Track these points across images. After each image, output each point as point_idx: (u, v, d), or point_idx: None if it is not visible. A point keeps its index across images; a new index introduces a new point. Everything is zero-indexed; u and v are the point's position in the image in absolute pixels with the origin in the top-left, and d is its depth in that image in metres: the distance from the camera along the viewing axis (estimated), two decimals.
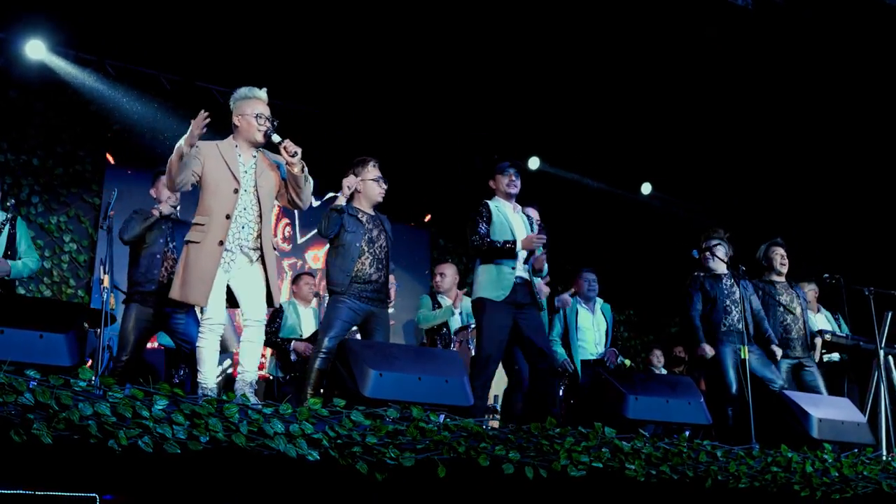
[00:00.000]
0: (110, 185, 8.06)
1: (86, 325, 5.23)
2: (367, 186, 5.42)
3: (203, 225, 4.49)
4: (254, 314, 4.58)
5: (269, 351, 7.11)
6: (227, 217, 4.50)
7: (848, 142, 8.48)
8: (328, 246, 5.48)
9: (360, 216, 5.35)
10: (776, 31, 6.70)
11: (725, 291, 6.41)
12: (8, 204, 6.95)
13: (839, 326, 7.38)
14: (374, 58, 8.01)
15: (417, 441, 3.98)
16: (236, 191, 4.54)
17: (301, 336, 6.93)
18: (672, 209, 10.44)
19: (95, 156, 8.24)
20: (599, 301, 7.28)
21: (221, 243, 4.47)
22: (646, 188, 10.37)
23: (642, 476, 4.52)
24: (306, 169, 4.66)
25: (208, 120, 4.37)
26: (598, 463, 4.39)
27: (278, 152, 4.65)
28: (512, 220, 5.55)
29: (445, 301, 6.83)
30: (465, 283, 9.43)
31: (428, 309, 6.77)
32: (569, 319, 7.09)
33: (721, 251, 6.50)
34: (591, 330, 7.12)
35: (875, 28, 6.66)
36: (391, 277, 5.59)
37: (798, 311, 6.67)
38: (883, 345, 6.69)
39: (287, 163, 4.61)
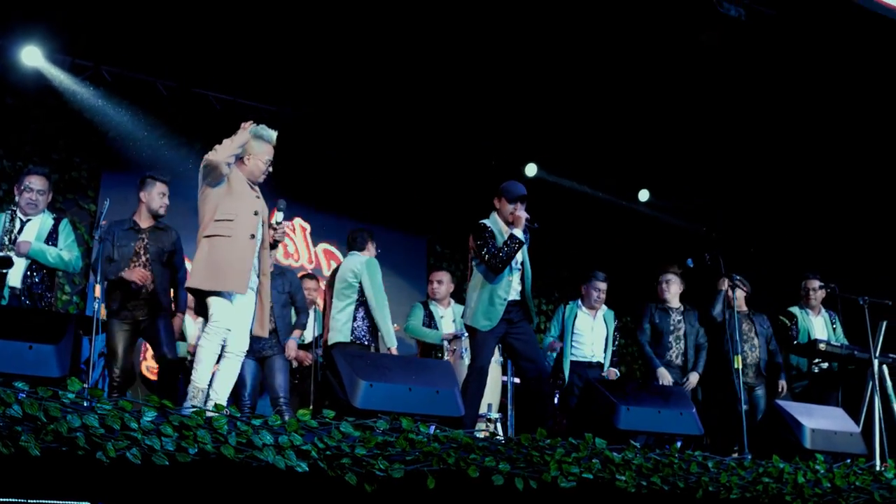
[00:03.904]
0: (106, 191, 8.07)
1: (80, 332, 5.26)
2: None
3: (231, 220, 4.61)
4: (235, 347, 4.65)
5: None
6: (256, 213, 4.72)
7: (843, 149, 8.48)
8: None
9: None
10: (768, 40, 6.76)
11: (671, 326, 6.82)
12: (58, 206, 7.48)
13: (834, 329, 7.38)
14: (373, 65, 8.01)
15: (407, 452, 3.99)
16: (256, 213, 4.76)
17: (303, 341, 6.93)
18: (669, 216, 10.43)
19: (91, 162, 8.24)
20: (604, 308, 7.26)
21: (253, 237, 4.66)
22: (643, 195, 10.36)
23: (633, 487, 4.52)
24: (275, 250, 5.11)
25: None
26: (589, 474, 4.39)
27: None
28: None
29: (437, 311, 6.83)
30: (461, 289, 9.44)
31: (418, 320, 6.77)
32: (566, 322, 7.09)
33: (674, 287, 6.88)
34: (589, 333, 7.11)
35: (866, 37, 6.71)
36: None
37: (755, 340, 6.96)
38: (877, 354, 6.71)
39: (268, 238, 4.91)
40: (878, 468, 5.69)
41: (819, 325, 7.30)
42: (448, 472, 4.05)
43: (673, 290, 6.93)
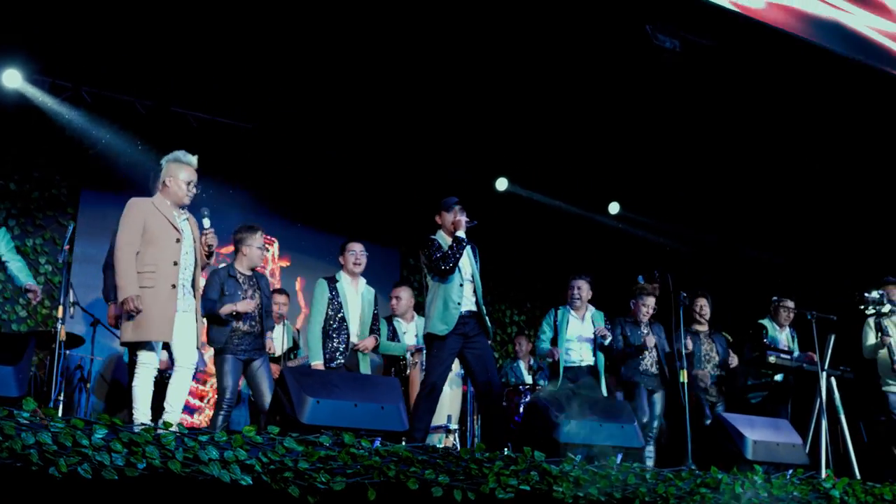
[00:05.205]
0: (85, 208, 8.33)
1: (53, 345, 5.48)
2: (251, 252, 6.11)
3: (153, 272, 4.81)
4: (184, 360, 4.89)
5: None
6: (175, 264, 4.87)
7: (797, 167, 8.73)
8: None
9: (238, 277, 6.03)
10: (704, 71, 7.11)
11: (641, 339, 7.14)
12: None
13: (792, 340, 7.65)
14: (346, 82, 8.21)
15: (349, 466, 4.21)
16: (178, 240, 4.92)
17: (273, 355, 7.11)
18: (639, 228, 10.64)
19: (71, 180, 8.47)
20: (591, 309, 7.35)
21: (174, 286, 4.84)
22: (613, 208, 10.56)
23: (570, 498, 4.71)
24: (212, 257, 5.24)
25: None
26: (526, 486, 4.59)
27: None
28: None
29: (401, 326, 7.05)
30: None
31: (384, 336, 6.99)
32: (559, 326, 7.18)
33: (646, 306, 7.21)
34: (577, 338, 7.19)
35: (800, 64, 7.02)
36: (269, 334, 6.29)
37: (716, 359, 7.30)
38: (825, 367, 6.94)
39: (202, 244, 5.10)
40: (819, 478, 5.89)
41: (784, 340, 7.60)
42: (388, 484, 4.27)
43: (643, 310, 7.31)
